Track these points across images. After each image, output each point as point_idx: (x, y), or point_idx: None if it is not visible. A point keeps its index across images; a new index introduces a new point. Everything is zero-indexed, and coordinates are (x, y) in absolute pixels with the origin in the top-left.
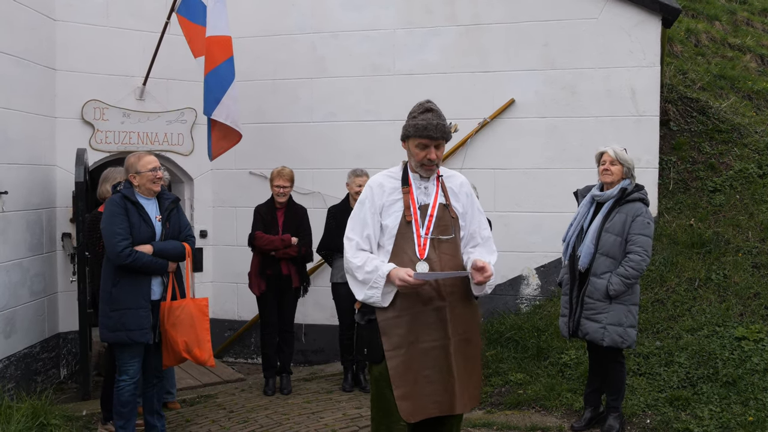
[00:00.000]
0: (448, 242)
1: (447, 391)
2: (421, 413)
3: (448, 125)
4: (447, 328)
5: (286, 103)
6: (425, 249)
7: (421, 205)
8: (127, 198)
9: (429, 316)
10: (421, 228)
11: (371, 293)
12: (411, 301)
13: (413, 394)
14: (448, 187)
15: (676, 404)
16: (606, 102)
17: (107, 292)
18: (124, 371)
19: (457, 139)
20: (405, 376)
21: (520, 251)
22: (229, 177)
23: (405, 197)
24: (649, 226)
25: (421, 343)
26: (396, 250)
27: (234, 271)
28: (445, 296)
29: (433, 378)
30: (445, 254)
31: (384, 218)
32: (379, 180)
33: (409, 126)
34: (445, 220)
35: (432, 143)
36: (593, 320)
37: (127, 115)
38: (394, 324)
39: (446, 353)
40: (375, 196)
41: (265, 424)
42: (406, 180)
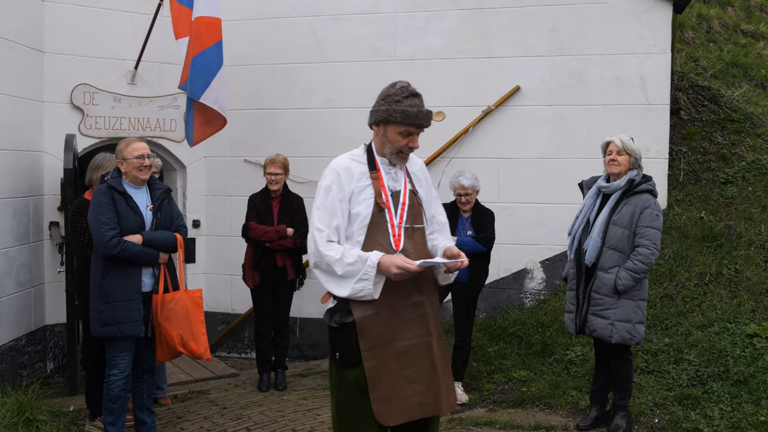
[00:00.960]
0: (420, 231)
1: (431, 390)
2: (402, 416)
3: None
4: (428, 323)
5: (282, 88)
6: (400, 239)
7: (393, 192)
8: (113, 188)
9: (408, 312)
10: (395, 216)
11: (361, 286)
12: (390, 297)
13: (392, 396)
14: (411, 172)
15: (685, 403)
16: (614, 90)
17: (97, 285)
18: (114, 365)
19: (460, 127)
20: (382, 378)
21: (524, 244)
22: (223, 165)
23: (375, 183)
24: (657, 219)
25: (399, 341)
26: (369, 242)
27: (228, 263)
28: (423, 289)
29: (415, 377)
30: (418, 244)
31: (353, 206)
32: (344, 164)
33: (394, 111)
34: (416, 208)
35: (417, 131)
36: (601, 316)
37: (117, 99)
38: (372, 322)
39: (429, 350)
40: (343, 181)
41: (259, 421)
42: (373, 164)
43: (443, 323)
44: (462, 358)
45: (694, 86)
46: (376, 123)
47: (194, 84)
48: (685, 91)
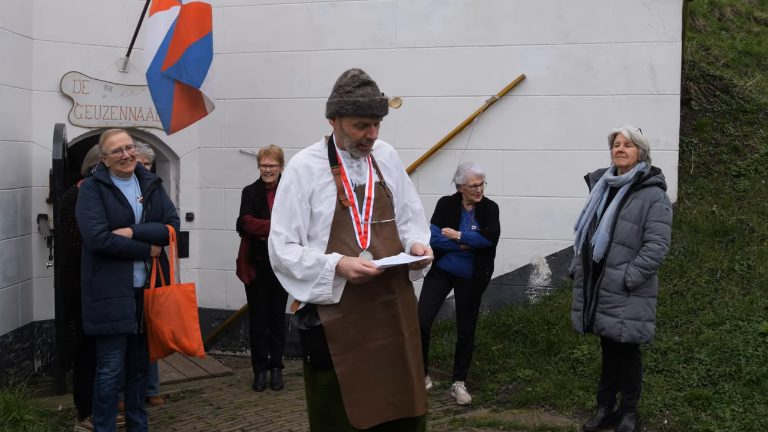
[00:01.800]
0: (389, 226)
1: (404, 391)
2: (375, 418)
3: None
4: (400, 322)
5: (279, 77)
6: (367, 237)
7: (356, 187)
8: (100, 181)
9: (378, 312)
10: (360, 213)
11: (319, 291)
12: (357, 298)
13: (364, 398)
14: (379, 161)
15: (695, 404)
16: (623, 79)
17: (88, 282)
18: (104, 363)
19: (464, 118)
20: (354, 381)
21: (529, 238)
22: (217, 156)
23: (337, 179)
24: (667, 213)
25: (370, 342)
26: (333, 242)
27: (222, 257)
28: (394, 287)
29: (387, 378)
30: (387, 239)
31: (315, 205)
32: (303, 161)
33: (345, 103)
34: (383, 201)
35: (373, 122)
36: (609, 314)
37: (109, 88)
38: (341, 326)
39: (401, 350)
40: (302, 180)
41: (254, 422)
42: (335, 159)
43: (446, 321)
44: (465, 356)
45: (706, 76)
46: (331, 116)
47: (194, 72)
48: (696, 81)
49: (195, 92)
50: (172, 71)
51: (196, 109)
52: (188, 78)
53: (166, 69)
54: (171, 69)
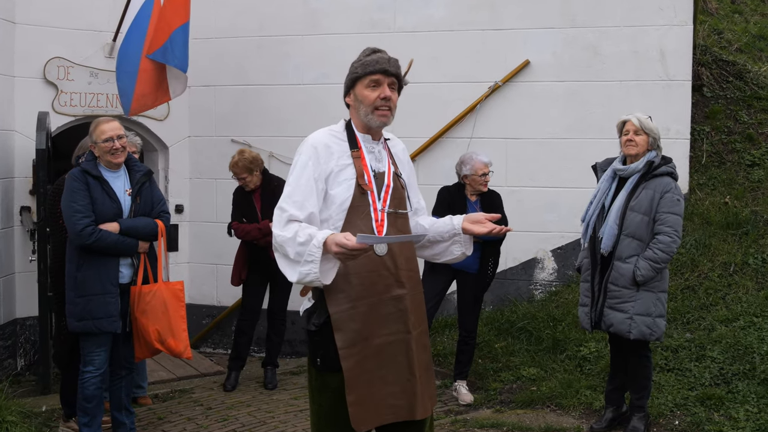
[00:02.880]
0: (404, 217)
1: (405, 393)
2: (374, 420)
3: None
4: (408, 319)
5: (272, 62)
6: (383, 225)
7: (376, 173)
8: (87, 172)
9: (387, 307)
10: (378, 200)
11: (306, 270)
12: (366, 290)
13: (367, 398)
14: (394, 153)
15: (708, 404)
16: (632, 65)
17: (72, 278)
18: (89, 362)
19: (465, 105)
20: (360, 378)
21: (533, 231)
22: (208, 145)
23: (356, 162)
24: (679, 204)
25: (376, 338)
26: (348, 227)
27: (213, 251)
28: (405, 282)
29: (390, 378)
30: (401, 231)
31: (332, 187)
32: (324, 140)
33: (356, 68)
34: (400, 192)
35: (386, 79)
36: (618, 310)
37: (94, 74)
38: (348, 317)
39: (407, 349)
40: (321, 158)
41: (246, 423)
42: (355, 142)
43: (447, 317)
44: (467, 354)
45: (718, 61)
46: (346, 92)
47: (181, 56)
48: (708, 67)
49: (160, 75)
50: (158, 55)
51: (160, 92)
52: (176, 62)
53: (152, 52)
54: (157, 52)
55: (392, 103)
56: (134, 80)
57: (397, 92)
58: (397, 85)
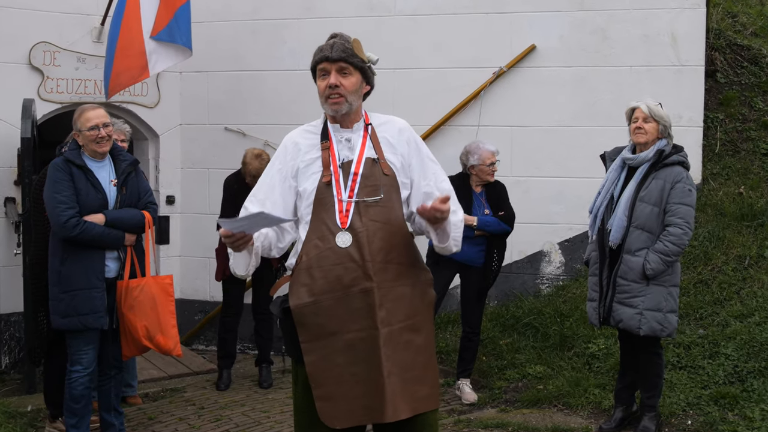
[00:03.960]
0: (378, 206)
1: (377, 393)
2: (348, 419)
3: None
4: (375, 315)
5: (268, 47)
6: (348, 216)
7: (344, 162)
8: (71, 162)
9: (354, 301)
10: (343, 190)
11: (231, 261)
12: (330, 284)
13: (337, 395)
14: (382, 137)
15: (721, 403)
16: (642, 49)
17: (55, 272)
18: (76, 361)
19: (469, 92)
20: (326, 373)
21: (540, 223)
22: (200, 133)
23: (324, 154)
24: (690, 194)
25: (345, 333)
26: (315, 221)
27: (205, 244)
28: (372, 275)
29: (361, 377)
30: (374, 221)
31: (300, 183)
32: (294, 137)
33: (312, 60)
34: (374, 179)
35: (332, 66)
36: (628, 305)
37: (82, 60)
38: (311, 312)
39: (374, 346)
40: (288, 156)
41: (241, 423)
42: (326, 134)
43: (450, 313)
44: (471, 351)
45: (732, 45)
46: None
47: (186, 33)
48: (722, 51)
49: (137, 52)
50: (164, 35)
51: (136, 69)
52: (182, 40)
53: (157, 33)
54: (162, 32)
55: (343, 89)
56: (112, 59)
57: (358, 75)
58: (353, 69)
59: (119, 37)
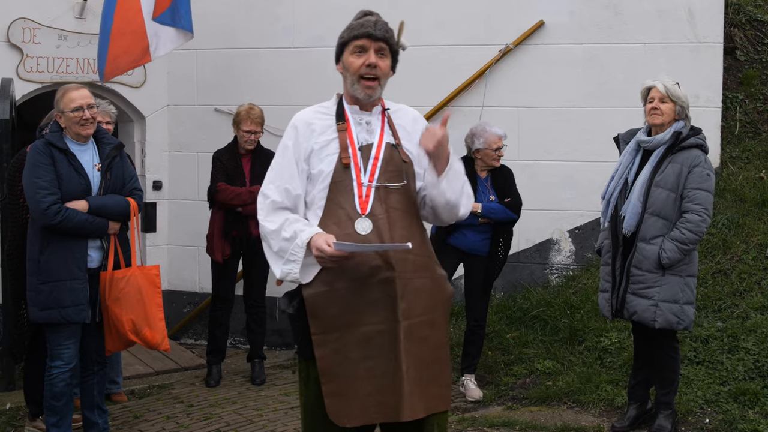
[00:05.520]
0: (398, 193)
1: (394, 390)
2: (359, 417)
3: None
4: (396, 306)
5: (261, 23)
6: (368, 201)
7: (363, 146)
8: (52, 144)
9: (373, 291)
10: (363, 174)
11: (288, 269)
12: (349, 272)
13: (348, 391)
14: (398, 124)
15: (741, 400)
16: (657, 25)
17: (34, 262)
18: (56, 356)
19: (474, 70)
20: (338, 368)
21: (549, 209)
22: (189, 115)
23: (341, 136)
24: (709, 179)
25: (361, 325)
26: (330, 206)
27: (194, 232)
28: (395, 264)
29: (378, 371)
30: (394, 209)
31: (314, 165)
32: (305, 117)
33: (343, 32)
34: (395, 164)
35: (372, 44)
36: (642, 296)
37: (63, 37)
38: (325, 301)
39: (394, 340)
40: (300, 137)
41: (232, 422)
42: (342, 114)
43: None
44: (476, 345)
45: (753, 21)
46: (336, 59)
47: (186, 16)
48: (742, 27)
49: (137, 34)
50: (167, 18)
51: (137, 53)
52: (182, 23)
53: (158, 16)
54: (165, 15)
55: (380, 71)
56: (108, 40)
57: (390, 60)
58: (388, 52)
59: (115, 16)
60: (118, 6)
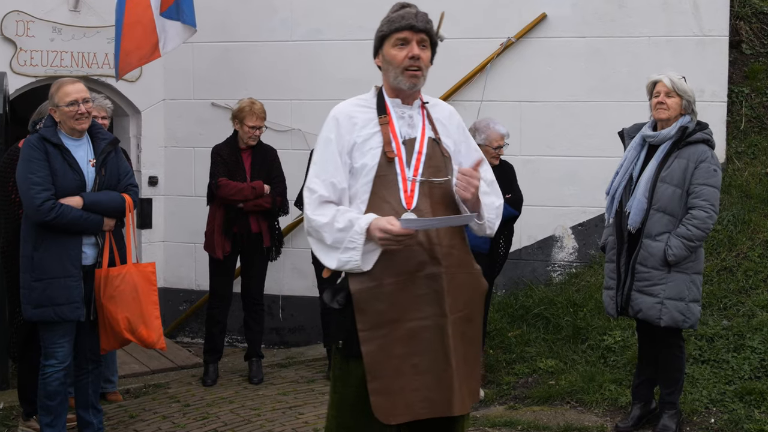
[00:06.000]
0: (441, 188)
1: (442, 385)
2: (405, 413)
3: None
4: (443, 301)
5: (258, 16)
6: (413, 196)
7: (406, 140)
8: (46, 139)
9: (420, 287)
10: (407, 168)
11: (347, 257)
12: (396, 267)
13: (394, 388)
14: (436, 118)
15: (747, 399)
16: (661, 18)
17: (28, 258)
18: (50, 354)
19: (475, 64)
20: (384, 365)
21: (551, 205)
22: (185, 109)
23: (384, 129)
24: (715, 175)
25: (407, 321)
26: (374, 200)
27: (191, 228)
28: (441, 259)
29: (424, 367)
30: (438, 204)
31: (356, 159)
32: (346, 110)
33: (382, 27)
34: (437, 159)
35: (414, 36)
36: (647, 294)
37: (57, 30)
38: (373, 296)
39: (442, 335)
40: (343, 130)
41: (229, 422)
42: (383, 107)
43: None
44: None
45: (759, 14)
46: (376, 54)
47: (189, 11)
48: (748, 20)
49: (146, 29)
50: (172, 13)
51: (146, 48)
52: (185, 17)
53: (165, 10)
54: (171, 9)
55: (422, 62)
56: (120, 37)
57: (430, 50)
58: (429, 43)
59: (125, 13)
60: (128, 1)
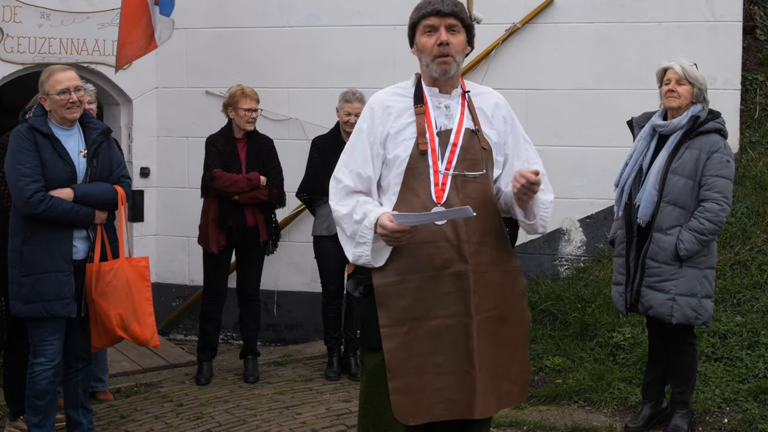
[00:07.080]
0: (476, 182)
1: (464, 387)
2: (425, 414)
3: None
4: (469, 301)
5: (254, 1)
6: (444, 190)
7: (441, 131)
8: (36, 129)
9: (445, 285)
10: (440, 161)
11: (359, 252)
12: (420, 263)
13: (415, 387)
14: (478, 107)
15: (762, 398)
16: (672, 3)
17: (17, 252)
18: (39, 352)
19: (479, 50)
20: (405, 363)
21: (558, 197)
22: (178, 98)
23: (419, 119)
24: (729, 166)
25: (430, 319)
26: (405, 193)
27: (184, 221)
28: (468, 257)
29: (446, 368)
30: (471, 198)
31: (390, 149)
32: (382, 98)
33: (412, 14)
34: (474, 152)
35: (441, 22)
36: (658, 290)
37: (46, 16)
38: (396, 292)
39: (466, 335)
40: (377, 120)
41: (223, 422)
42: (420, 97)
43: None
44: None
45: None
46: (411, 42)
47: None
48: (762, 5)
49: (143, 18)
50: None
51: (143, 40)
52: (165, 9)
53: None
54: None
55: (453, 48)
56: (118, 29)
57: (464, 35)
58: (461, 27)
59: (123, 3)
60: None
